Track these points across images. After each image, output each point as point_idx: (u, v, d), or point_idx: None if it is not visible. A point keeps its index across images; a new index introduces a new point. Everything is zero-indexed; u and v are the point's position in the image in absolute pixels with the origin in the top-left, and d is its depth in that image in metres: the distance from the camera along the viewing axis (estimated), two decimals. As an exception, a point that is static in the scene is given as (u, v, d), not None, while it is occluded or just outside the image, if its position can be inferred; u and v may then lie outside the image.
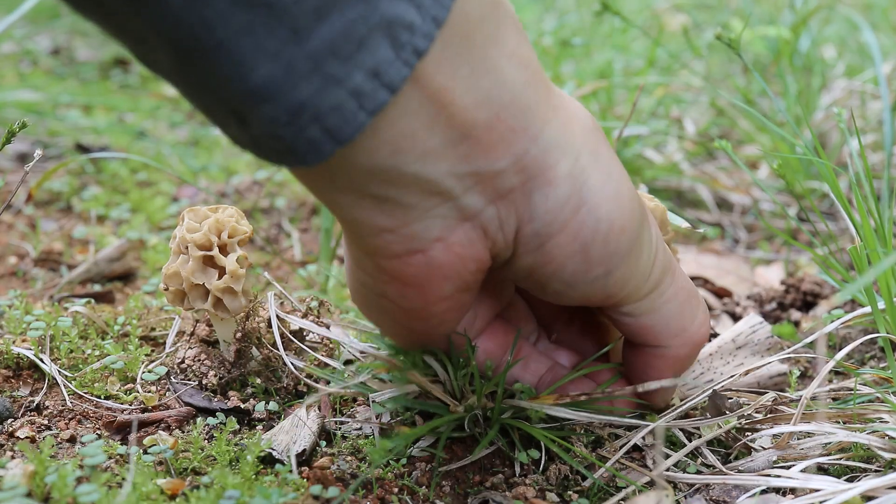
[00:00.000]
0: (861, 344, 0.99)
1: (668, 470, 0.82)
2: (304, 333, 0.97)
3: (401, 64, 0.57)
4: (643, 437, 0.85)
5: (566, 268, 0.69)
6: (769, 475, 0.79)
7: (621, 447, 0.84)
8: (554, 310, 0.85)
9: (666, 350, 0.78)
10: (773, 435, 0.85)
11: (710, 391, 0.86)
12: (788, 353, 0.92)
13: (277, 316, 0.95)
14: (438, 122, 0.61)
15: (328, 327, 0.95)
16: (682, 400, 0.89)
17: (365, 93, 0.57)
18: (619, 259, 0.70)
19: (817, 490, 0.75)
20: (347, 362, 0.95)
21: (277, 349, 0.93)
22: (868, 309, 0.93)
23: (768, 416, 0.89)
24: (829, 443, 0.83)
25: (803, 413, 0.86)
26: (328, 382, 0.92)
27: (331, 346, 0.97)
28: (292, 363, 0.93)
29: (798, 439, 0.85)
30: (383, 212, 0.64)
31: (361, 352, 0.93)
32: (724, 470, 0.82)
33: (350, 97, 0.56)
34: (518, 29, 0.65)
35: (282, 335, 0.95)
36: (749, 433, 0.87)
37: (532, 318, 0.85)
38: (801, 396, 0.85)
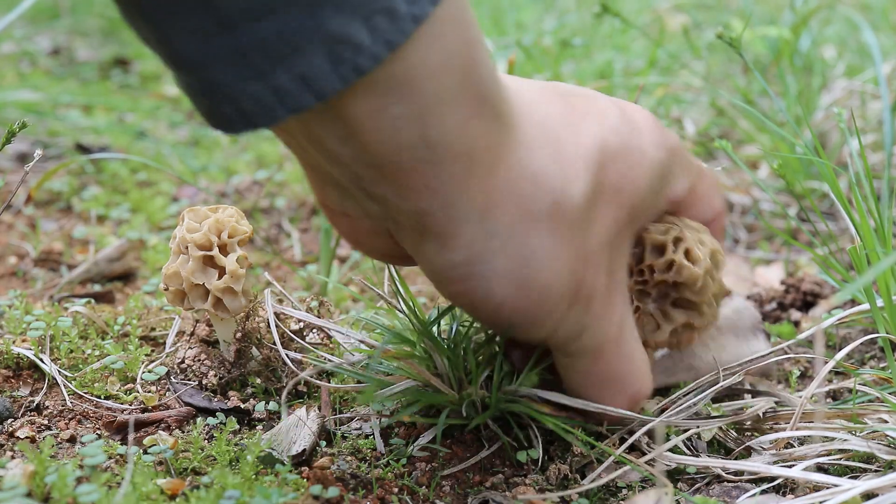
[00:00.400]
0: (861, 344, 0.99)
1: (667, 469, 0.82)
2: (304, 333, 0.97)
3: (336, 78, 0.57)
4: (643, 436, 0.85)
5: (461, 307, 0.72)
6: (769, 475, 0.79)
7: (621, 445, 0.84)
8: None
9: (594, 398, 0.79)
10: (772, 440, 0.85)
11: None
12: (781, 346, 0.92)
13: (277, 315, 0.95)
14: (351, 143, 0.62)
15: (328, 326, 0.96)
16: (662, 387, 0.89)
17: (288, 92, 0.57)
18: (517, 329, 0.71)
19: (818, 489, 0.76)
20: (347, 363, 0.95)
21: (277, 349, 0.93)
22: (866, 306, 0.93)
23: (768, 416, 0.89)
24: (830, 442, 0.83)
25: (803, 413, 0.86)
26: (329, 380, 0.92)
27: (331, 345, 0.97)
28: (292, 363, 0.93)
29: (799, 442, 0.85)
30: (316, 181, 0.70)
31: (361, 341, 0.93)
32: (724, 471, 0.82)
33: (270, 93, 0.57)
34: (480, 101, 0.63)
35: (281, 334, 0.95)
36: (749, 433, 0.87)
37: None
38: (801, 398, 0.85)
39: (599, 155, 0.69)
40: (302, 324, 0.97)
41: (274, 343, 0.93)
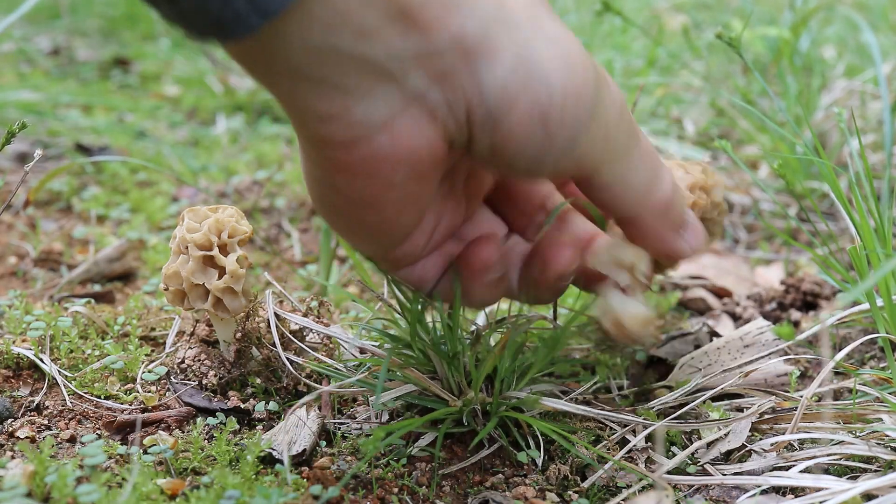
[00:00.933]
0: (861, 344, 0.99)
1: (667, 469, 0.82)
2: (304, 333, 0.97)
3: None
4: (644, 437, 0.85)
5: (528, 143, 0.67)
6: (770, 475, 0.79)
7: (622, 448, 0.84)
8: (525, 213, 0.83)
9: (640, 219, 0.77)
10: (773, 442, 0.85)
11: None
12: (785, 349, 0.92)
13: (277, 315, 0.95)
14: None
15: (328, 326, 0.95)
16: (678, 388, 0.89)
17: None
18: (581, 126, 0.68)
19: (818, 490, 0.76)
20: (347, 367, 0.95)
21: (277, 349, 0.93)
22: (865, 306, 0.93)
23: (769, 417, 0.89)
24: (831, 443, 0.83)
25: (804, 413, 0.86)
26: (329, 381, 0.92)
27: (331, 345, 0.97)
28: (292, 363, 0.93)
29: (800, 443, 0.85)
30: (323, 96, 0.63)
31: (361, 349, 0.93)
32: (724, 474, 0.82)
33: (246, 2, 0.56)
34: None
35: (281, 335, 0.95)
36: (750, 434, 0.87)
37: (501, 229, 0.83)
38: (801, 397, 0.85)
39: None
40: (299, 326, 0.97)
41: (274, 344, 0.93)
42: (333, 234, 1.23)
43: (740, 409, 0.91)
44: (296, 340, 0.95)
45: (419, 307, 0.81)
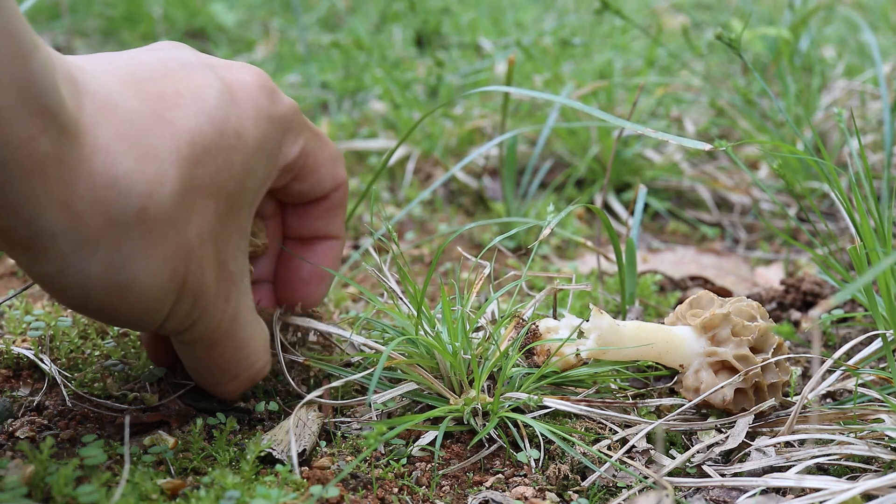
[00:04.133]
0: (860, 343, 0.99)
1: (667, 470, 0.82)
2: (305, 334, 0.97)
3: None
4: (644, 438, 0.85)
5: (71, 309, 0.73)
6: (769, 476, 0.80)
7: (622, 447, 0.84)
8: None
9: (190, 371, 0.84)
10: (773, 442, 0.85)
11: None
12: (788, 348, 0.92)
13: (278, 316, 0.95)
14: None
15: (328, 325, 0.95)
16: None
17: None
18: (125, 324, 0.73)
19: (818, 490, 0.76)
20: (348, 364, 0.95)
21: (280, 354, 0.93)
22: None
23: (769, 419, 0.89)
24: (830, 443, 0.83)
25: (805, 414, 0.86)
26: (330, 380, 0.92)
27: (330, 343, 0.97)
28: (293, 362, 0.93)
29: (799, 443, 0.85)
30: None
31: (363, 344, 0.93)
32: (723, 475, 0.82)
33: None
34: (44, 115, 0.60)
35: (282, 339, 0.95)
36: (750, 434, 0.87)
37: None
38: (801, 398, 0.85)
39: (191, 150, 0.68)
40: (300, 331, 0.97)
41: (276, 345, 0.93)
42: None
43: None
44: (295, 339, 0.95)
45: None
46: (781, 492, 0.79)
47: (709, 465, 0.83)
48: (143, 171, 0.65)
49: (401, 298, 0.96)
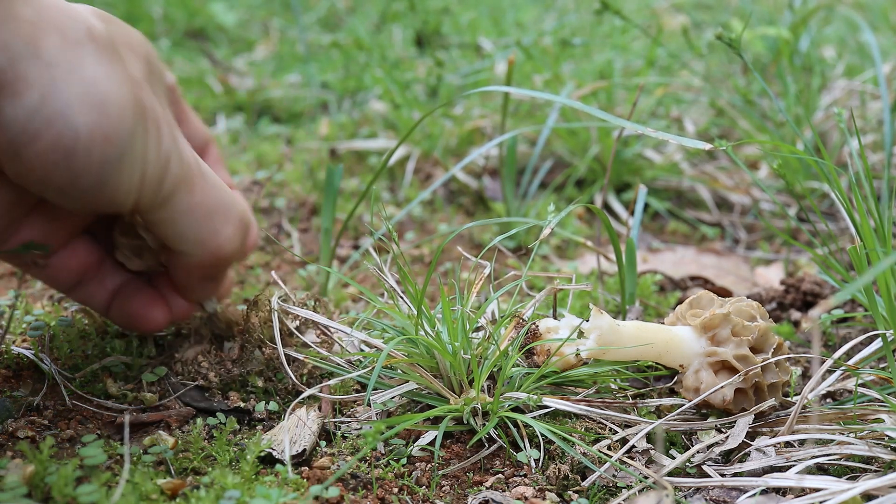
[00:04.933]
0: (860, 343, 0.99)
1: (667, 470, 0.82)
2: (302, 330, 0.97)
3: None
4: (644, 438, 0.85)
5: (53, 177, 0.70)
6: (769, 476, 0.80)
7: (622, 447, 0.84)
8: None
9: (189, 258, 0.82)
10: (773, 442, 0.85)
11: None
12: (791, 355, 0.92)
13: (280, 311, 0.95)
14: None
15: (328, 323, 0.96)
16: None
17: None
18: (111, 168, 0.71)
19: (818, 490, 0.76)
20: (348, 362, 0.95)
21: (280, 348, 0.93)
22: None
23: (770, 419, 0.89)
24: (830, 443, 0.83)
25: (805, 414, 0.86)
26: (330, 379, 0.92)
27: (331, 341, 0.97)
28: (294, 361, 0.93)
29: (799, 443, 0.85)
30: None
31: (363, 341, 0.93)
32: (723, 475, 0.82)
33: None
34: None
35: (282, 334, 0.95)
36: (750, 434, 0.87)
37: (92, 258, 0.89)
38: (801, 397, 0.85)
39: (97, 13, 0.75)
40: (299, 321, 0.97)
41: (274, 339, 0.93)
42: (333, 234, 1.24)
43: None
44: (297, 333, 0.95)
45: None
46: (781, 492, 0.79)
47: (709, 465, 0.83)
48: (80, 9, 0.72)
49: (401, 298, 0.96)
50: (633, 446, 0.85)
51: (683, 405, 0.88)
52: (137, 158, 0.71)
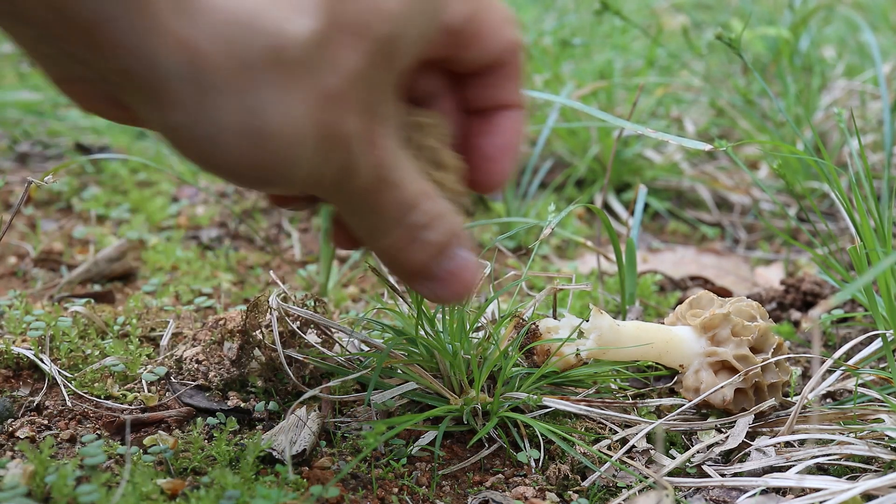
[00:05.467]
0: (860, 343, 0.99)
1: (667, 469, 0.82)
2: (303, 330, 0.97)
3: None
4: (644, 438, 0.85)
5: (204, 170, 0.64)
6: (769, 476, 0.80)
7: (622, 447, 0.84)
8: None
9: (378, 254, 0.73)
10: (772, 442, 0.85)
11: None
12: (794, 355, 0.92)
13: (278, 316, 0.95)
14: None
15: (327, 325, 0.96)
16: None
17: None
18: (265, 186, 0.65)
19: (818, 490, 0.76)
20: (348, 361, 0.95)
21: (280, 349, 0.93)
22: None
23: (770, 420, 0.89)
24: (830, 443, 0.83)
25: (805, 414, 0.86)
26: (330, 379, 0.92)
27: (331, 341, 0.97)
28: (294, 361, 0.93)
29: (799, 443, 0.85)
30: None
31: (363, 341, 0.93)
32: (723, 475, 0.82)
33: None
34: None
35: (282, 335, 0.95)
36: (750, 434, 0.87)
37: None
38: (801, 397, 0.85)
39: (306, 12, 0.60)
40: (300, 321, 0.97)
41: (275, 342, 0.93)
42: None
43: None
44: (299, 332, 0.95)
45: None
46: (781, 492, 0.79)
47: (709, 465, 0.83)
48: (276, 7, 0.59)
49: (401, 297, 0.96)
50: (633, 446, 0.85)
51: (683, 405, 0.88)
52: (299, 178, 0.64)
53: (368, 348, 0.94)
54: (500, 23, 0.75)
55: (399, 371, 0.89)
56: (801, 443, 0.84)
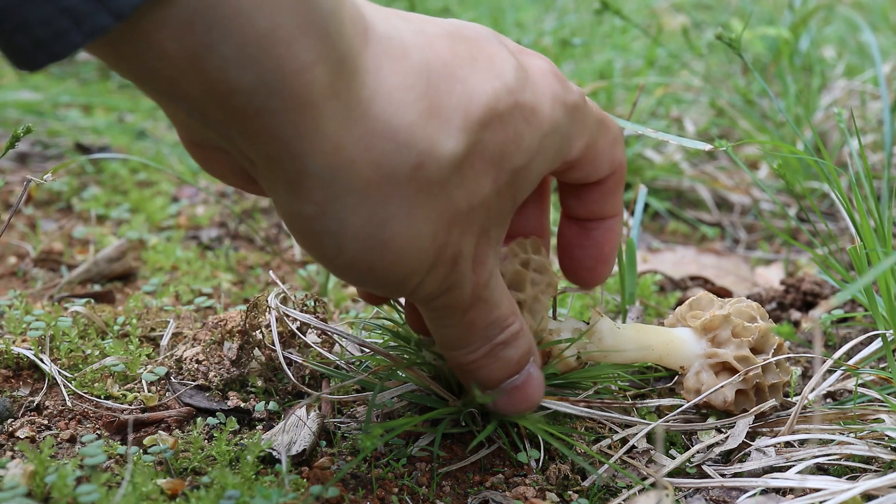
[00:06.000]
0: (860, 343, 0.99)
1: (667, 470, 0.82)
2: (303, 330, 0.97)
3: None
4: (644, 438, 0.85)
5: (313, 257, 0.68)
6: (769, 477, 0.80)
7: (622, 447, 0.84)
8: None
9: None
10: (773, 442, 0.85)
11: None
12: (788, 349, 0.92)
13: (278, 317, 0.95)
14: (182, 81, 0.55)
15: (326, 323, 0.95)
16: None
17: (82, 14, 0.51)
18: (370, 287, 0.67)
19: (818, 490, 0.76)
20: (348, 364, 0.95)
21: (282, 349, 0.93)
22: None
23: (770, 419, 0.89)
24: (830, 443, 0.83)
25: (806, 414, 0.86)
26: (330, 381, 0.92)
27: (332, 342, 0.97)
28: (293, 363, 0.93)
29: (799, 443, 0.85)
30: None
31: (361, 344, 0.93)
32: (723, 476, 0.82)
33: (62, 15, 0.51)
34: (325, 41, 0.56)
35: (282, 336, 0.95)
36: (750, 434, 0.87)
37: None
38: (801, 398, 0.85)
39: (484, 114, 0.63)
40: (299, 321, 0.97)
41: (274, 343, 0.93)
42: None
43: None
44: (299, 333, 0.95)
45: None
46: (781, 492, 0.79)
47: (709, 466, 0.83)
48: (427, 127, 0.60)
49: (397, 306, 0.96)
50: (634, 446, 0.85)
51: (683, 405, 0.88)
52: (405, 289, 0.66)
53: (368, 351, 0.94)
54: (612, 146, 0.77)
55: (399, 373, 0.89)
56: (802, 443, 0.84)
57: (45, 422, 0.86)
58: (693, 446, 0.86)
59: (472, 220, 0.66)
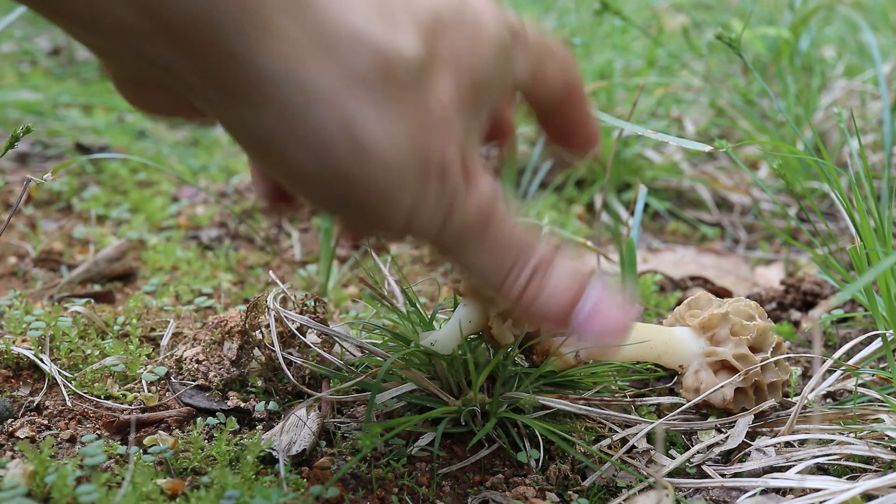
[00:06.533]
0: (860, 343, 0.99)
1: (667, 469, 0.82)
2: (303, 330, 0.97)
3: None
4: (644, 438, 0.85)
5: (293, 185, 0.63)
6: (769, 477, 0.80)
7: (622, 447, 0.84)
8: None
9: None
10: (773, 442, 0.85)
11: None
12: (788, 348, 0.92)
13: (279, 314, 0.95)
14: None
15: (327, 325, 0.95)
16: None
17: None
18: (365, 212, 0.62)
19: (818, 490, 0.76)
20: (347, 364, 0.95)
21: (282, 350, 0.93)
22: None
23: (770, 419, 0.89)
24: (830, 443, 0.84)
25: (806, 414, 0.86)
26: (329, 382, 0.92)
27: (331, 342, 0.97)
28: (293, 363, 0.93)
29: (799, 443, 0.85)
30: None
31: (361, 347, 0.93)
32: (723, 476, 0.82)
33: None
34: None
35: (282, 336, 0.95)
36: (749, 434, 0.87)
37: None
38: (801, 398, 0.85)
39: (431, 20, 0.61)
40: (299, 322, 0.97)
41: (274, 344, 0.93)
42: (333, 234, 1.23)
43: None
44: (299, 334, 0.95)
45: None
46: (781, 492, 0.79)
47: (709, 465, 0.83)
48: (384, 28, 0.58)
49: (397, 300, 0.96)
50: (634, 446, 0.85)
51: (683, 405, 0.88)
52: (401, 207, 0.62)
53: (366, 352, 0.94)
54: (562, 69, 0.75)
55: (399, 374, 0.89)
56: (802, 443, 0.84)
57: (45, 422, 0.86)
58: (693, 446, 0.86)
59: (447, 130, 0.63)
